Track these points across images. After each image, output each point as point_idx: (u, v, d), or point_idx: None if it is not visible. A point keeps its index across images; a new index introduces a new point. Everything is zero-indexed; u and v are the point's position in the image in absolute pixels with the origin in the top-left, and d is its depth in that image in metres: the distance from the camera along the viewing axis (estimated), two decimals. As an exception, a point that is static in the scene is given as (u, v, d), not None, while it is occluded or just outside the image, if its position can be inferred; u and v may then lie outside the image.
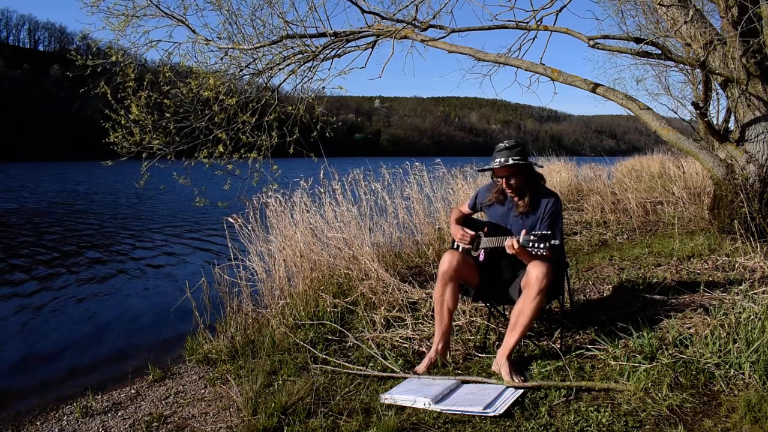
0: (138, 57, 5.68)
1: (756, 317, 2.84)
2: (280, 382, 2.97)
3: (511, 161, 2.92)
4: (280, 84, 6.05)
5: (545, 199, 3.01)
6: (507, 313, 3.44)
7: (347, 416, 2.50)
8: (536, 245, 2.64)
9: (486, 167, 3.11)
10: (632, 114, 5.19)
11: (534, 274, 2.74)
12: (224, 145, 5.45)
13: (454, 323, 3.43)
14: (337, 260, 4.57)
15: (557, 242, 2.66)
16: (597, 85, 5.10)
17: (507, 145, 3.01)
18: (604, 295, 4.14)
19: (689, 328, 3.05)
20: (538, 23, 5.15)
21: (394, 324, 3.72)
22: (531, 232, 2.73)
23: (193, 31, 5.80)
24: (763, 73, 4.90)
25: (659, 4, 5.21)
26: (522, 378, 2.76)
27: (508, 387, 2.63)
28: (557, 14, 5.10)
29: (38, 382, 3.94)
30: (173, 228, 12.12)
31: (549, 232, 2.69)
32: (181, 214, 14.64)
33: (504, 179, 3.00)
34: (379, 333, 3.57)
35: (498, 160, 2.96)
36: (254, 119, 5.59)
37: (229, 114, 5.57)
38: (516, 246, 2.77)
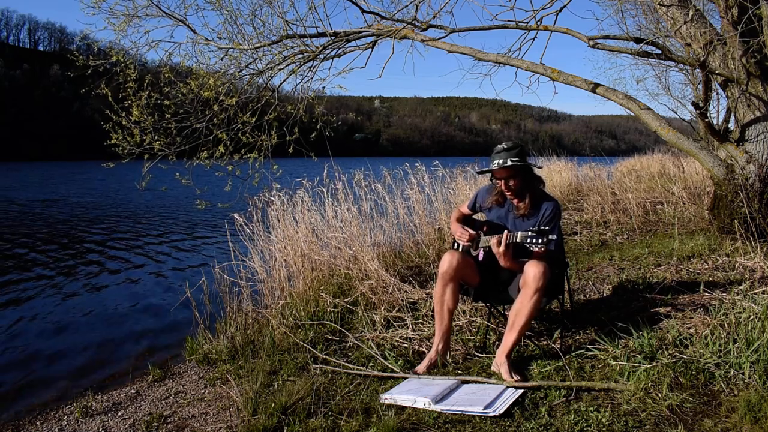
0: (139, 57, 5.69)
1: (756, 317, 2.84)
2: (280, 382, 2.97)
3: (509, 162, 2.93)
4: (280, 84, 6.06)
5: (545, 204, 3.02)
6: (507, 313, 3.44)
7: (347, 416, 2.50)
8: (533, 240, 2.66)
9: (485, 169, 3.13)
10: (632, 114, 5.19)
11: (531, 273, 2.75)
12: (225, 145, 5.45)
13: (454, 323, 3.43)
14: (338, 260, 4.57)
15: (554, 236, 2.67)
16: (597, 85, 5.11)
17: (505, 146, 3.01)
18: (604, 295, 4.14)
19: (689, 328, 3.05)
20: (538, 23, 5.15)
21: (394, 324, 3.72)
22: (529, 228, 2.75)
23: (194, 31, 5.81)
24: (763, 73, 4.90)
25: (659, 4, 5.21)
26: (522, 378, 2.76)
27: (508, 387, 2.63)
28: (557, 14, 5.11)
29: (38, 382, 3.95)
30: (173, 228, 12.13)
31: (547, 228, 2.70)
32: (181, 214, 14.65)
33: (503, 181, 3.01)
34: (379, 333, 3.57)
35: (497, 161, 2.97)
36: (254, 119, 5.59)
37: (229, 114, 5.57)
38: (503, 246, 2.79)
